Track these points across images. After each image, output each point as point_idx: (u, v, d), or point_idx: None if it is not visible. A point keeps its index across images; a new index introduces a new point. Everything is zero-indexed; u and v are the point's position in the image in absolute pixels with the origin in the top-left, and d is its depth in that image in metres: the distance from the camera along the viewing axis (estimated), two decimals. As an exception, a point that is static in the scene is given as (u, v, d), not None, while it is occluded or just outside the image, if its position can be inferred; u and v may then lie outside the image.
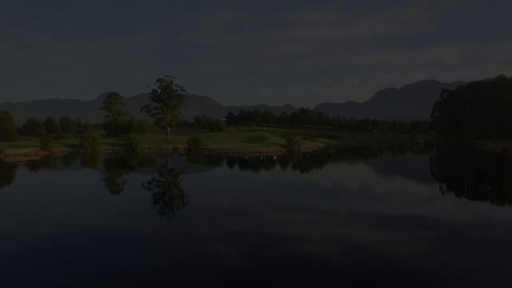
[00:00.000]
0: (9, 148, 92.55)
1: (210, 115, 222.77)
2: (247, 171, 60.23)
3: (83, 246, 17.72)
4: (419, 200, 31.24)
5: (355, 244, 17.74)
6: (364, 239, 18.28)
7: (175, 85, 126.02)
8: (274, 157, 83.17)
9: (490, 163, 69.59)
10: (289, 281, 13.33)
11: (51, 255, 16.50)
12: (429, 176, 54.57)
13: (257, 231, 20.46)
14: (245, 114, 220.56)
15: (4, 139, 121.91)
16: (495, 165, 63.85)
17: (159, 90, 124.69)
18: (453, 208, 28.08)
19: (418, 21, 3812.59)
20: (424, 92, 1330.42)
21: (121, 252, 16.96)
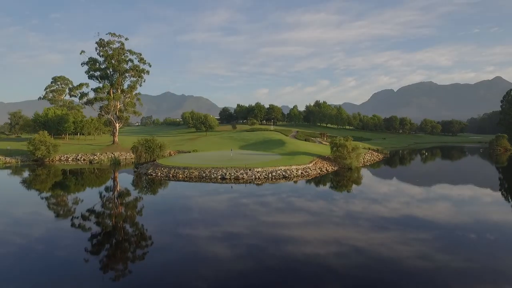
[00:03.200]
0: None
1: (198, 112, 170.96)
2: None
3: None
4: None
5: None
6: None
7: (129, 51, 74.41)
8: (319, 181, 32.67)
9: None
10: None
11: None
12: None
13: None
14: (244, 110, 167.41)
15: None
16: None
17: (101, 60, 73.05)
18: None
19: (416, 24, 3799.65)
20: (421, 94, 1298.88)
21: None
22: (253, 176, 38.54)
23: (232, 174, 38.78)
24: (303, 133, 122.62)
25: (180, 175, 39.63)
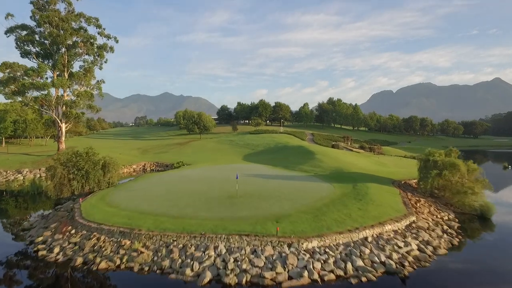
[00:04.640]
0: None
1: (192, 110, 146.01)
2: None
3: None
4: None
5: None
6: None
7: (80, 15, 50.04)
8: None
9: None
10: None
11: None
12: None
13: None
14: (246, 109, 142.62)
15: None
16: None
17: (37, 28, 48.57)
18: None
19: (414, 25, 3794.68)
20: (420, 95, 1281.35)
21: None
22: (299, 268, 14.00)
23: (240, 262, 14.15)
24: (320, 136, 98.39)
25: (104, 262, 14.87)
